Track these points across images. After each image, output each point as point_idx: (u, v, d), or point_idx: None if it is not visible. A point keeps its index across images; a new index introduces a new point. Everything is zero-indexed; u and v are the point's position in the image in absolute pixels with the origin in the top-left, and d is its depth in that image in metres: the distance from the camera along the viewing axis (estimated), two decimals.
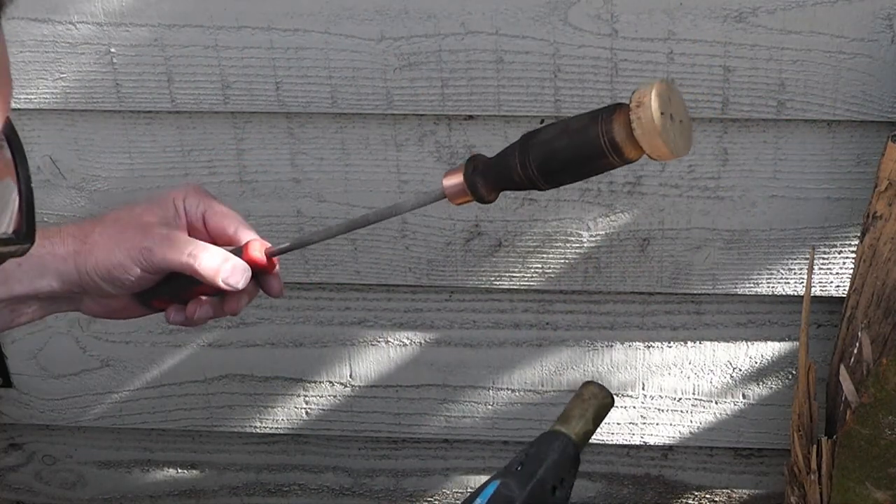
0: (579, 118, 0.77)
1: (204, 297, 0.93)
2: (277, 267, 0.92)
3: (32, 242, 0.65)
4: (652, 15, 1.11)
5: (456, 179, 0.82)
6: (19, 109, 1.24)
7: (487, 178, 0.81)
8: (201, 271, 0.87)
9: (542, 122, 1.18)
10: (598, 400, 0.82)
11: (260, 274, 0.91)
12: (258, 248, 0.90)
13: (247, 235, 0.91)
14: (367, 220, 0.89)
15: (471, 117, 1.19)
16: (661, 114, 0.73)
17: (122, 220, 0.90)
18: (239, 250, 0.91)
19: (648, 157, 0.75)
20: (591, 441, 1.43)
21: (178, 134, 1.24)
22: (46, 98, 1.22)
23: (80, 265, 0.88)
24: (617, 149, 0.75)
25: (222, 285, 0.88)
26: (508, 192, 1.22)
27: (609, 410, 0.83)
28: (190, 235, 0.91)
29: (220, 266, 0.87)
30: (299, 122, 1.22)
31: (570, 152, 0.77)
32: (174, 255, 0.87)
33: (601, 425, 0.84)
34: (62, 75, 1.20)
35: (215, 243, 0.93)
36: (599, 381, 0.85)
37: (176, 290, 0.91)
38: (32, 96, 1.22)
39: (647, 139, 0.73)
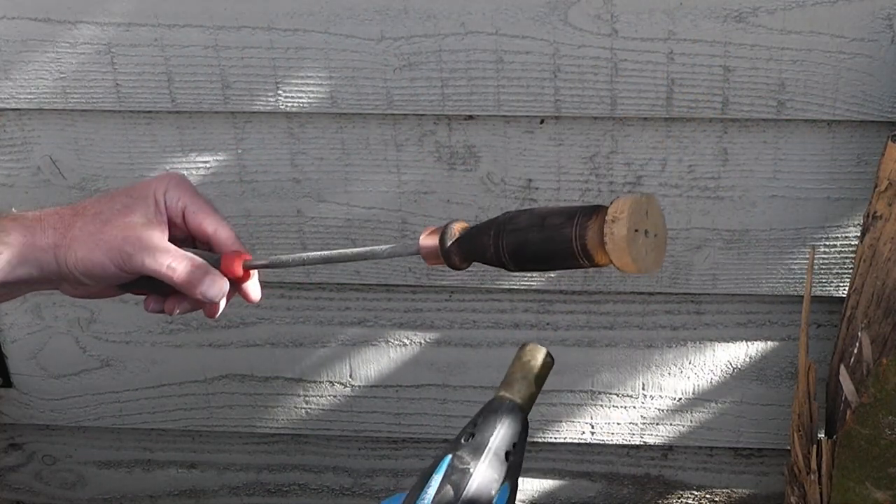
0: (558, 213, 0.80)
1: (179, 296, 0.94)
2: (255, 276, 0.94)
3: None
4: (652, 15, 1.11)
5: (432, 242, 0.85)
6: (19, 109, 1.24)
7: (462, 248, 0.84)
8: (179, 284, 0.89)
9: (541, 121, 1.18)
10: (538, 361, 0.83)
11: (237, 281, 0.93)
12: (237, 262, 0.92)
13: (225, 236, 0.93)
14: (343, 257, 0.91)
15: (471, 117, 1.19)
16: (635, 231, 0.75)
17: (103, 214, 0.90)
18: (217, 259, 0.92)
19: (616, 268, 0.77)
20: (591, 441, 1.44)
21: (178, 134, 1.24)
22: (46, 98, 1.22)
23: (61, 258, 0.89)
24: (587, 255, 0.77)
25: (199, 297, 0.90)
26: (509, 192, 1.22)
27: (550, 369, 0.83)
28: (170, 229, 0.92)
29: (199, 280, 0.89)
30: (299, 122, 1.22)
31: (541, 247, 0.79)
32: (153, 265, 0.88)
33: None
34: (62, 75, 1.20)
35: (194, 239, 0.94)
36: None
37: (154, 286, 0.93)
38: (32, 96, 1.22)
39: (618, 255, 0.75)
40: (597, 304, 1.30)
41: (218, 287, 0.90)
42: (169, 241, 0.92)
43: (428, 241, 0.85)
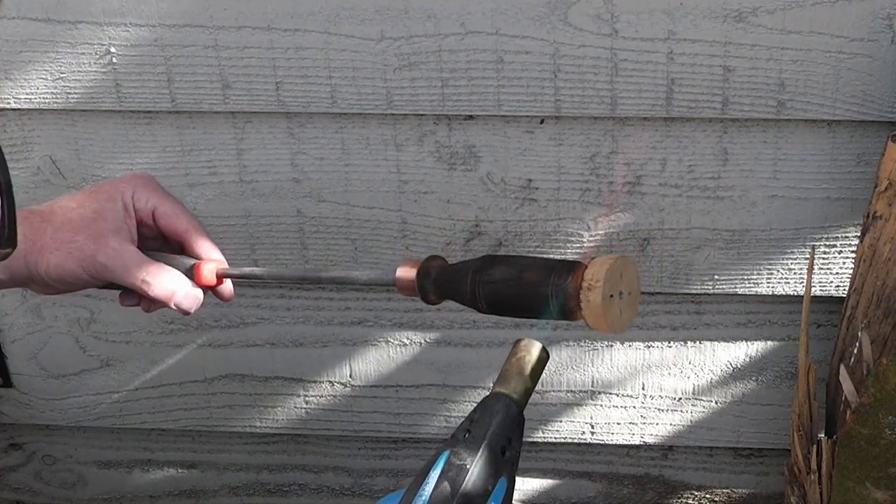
0: (535, 269, 0.81)
1: None
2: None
3: (14, 247, 0.66)
4: (652, 15, 1.11)
5: (409, 275, 0.86)
6: (19, 109, 1.24)
7: (438, 288, 0.86)
8: (154, 297, 0.90)
9: (541, 121, 1.18)
10: (534, 356, 0.83)
11: (210, 287, 0.95)
12: (211, 270, 0.94)
13: (198, 239, 0.94)
14: (319, 278, 0.94)
15: (471, 117, 1.19)
16: (610, 296, 0.78)
17: (72, 223, 0.90)
18: (191, 268, 0.93)
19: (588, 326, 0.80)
20: (591, 441, 1.44)
21: (178, 134, 1.24)
22: (46, 98, 1.22)
23: (31, 265, 0.89)
24: (563, 314, 0.80)
25: (174, 308, 0.91)
26: (509, 192, 1.22)
27: (545, 365, 0.84)
28: (139, 228, 0.93)
29: (172, 292, 0.91)
30: (299, 122, 1.22)
31: (518, 303, 0.82)
32: (127, 278, 0.90)
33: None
34: (62, 75, 1.20)
35: (165, 240, 0.95)
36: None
37: (128, 289, 0.94)
38: (32, 96, 1.22)
39: (592, 318, 0.78)
40: None
41: (191, 299, 0.92)
42: (139, 240, 0.92)
43: (405, 273, 0.87)
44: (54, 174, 1.27)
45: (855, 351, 1.15)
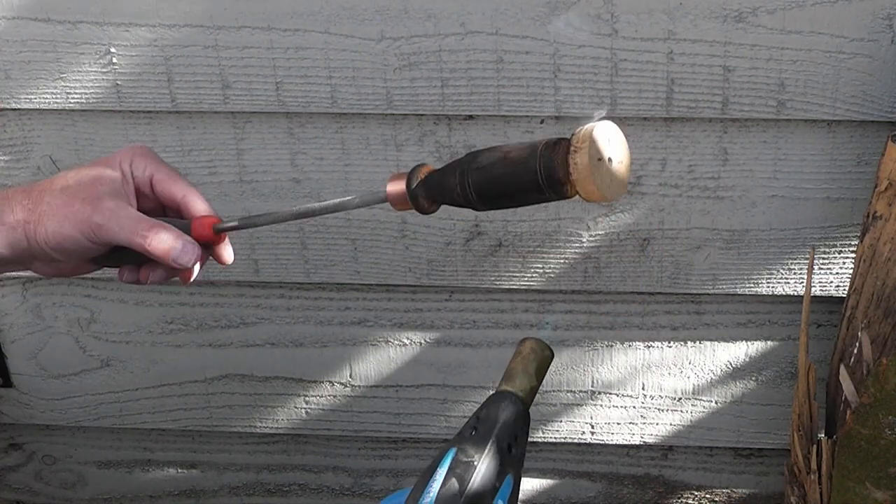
0: (521, 148, 0.80)
1: (152, 264, 0.94)
2: (227, 238, 0.95)
3: None
4: (652, 15, 1.11)
5: (399, 187, 0.85)
6: (19, 109, 1.24)
7: (429, 191, 0.84)
8: (152, 251, 0.89)
9: (541, 121, 1.18)
10: (538, 354, 0.84)
11: (209, 244, 0.94)
12: (207, 225, 0.93)
13: (195, 201, 0.93)
14: (313, 212, 0.91)
15: (471, 117, 1.19)
16: (598, 159, 0.76)
17: (70, 188, 0.90)
18: (188, 224, 0.93)
19: (581, 198, 0.77)
20: (591, 441, 1.44)
21: (178, 134, 1.24)
22: (46, 98, 1.22)
23: (30, 235, 0.89)
24: (553, 186, 0.78)
25: (173, 264, 0.90)
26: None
27: (550, 363, 0.85)
28: (138, 199, 0.93)
29: (170, 246, 0.89)
30: (299, 122, 1.22)
31: (507, 182, 0.80)
32: (124, 234, 0.89)
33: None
34: (62, 75, 1.20)
35: (164, 207, 0.95)
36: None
37: (127, 257, 0.93)
38: (32, 96, 1.22)
39: (582, 184, 0.76)
40: (597, 304, 1.30)
41: (189, 252, 0.90)
42: (138, 208, 0.92)
43: (394, 186, 0.85)
44: (54, 174, 1.27)
45: (855, 351, 1.15)
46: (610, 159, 0.77)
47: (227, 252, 0.96)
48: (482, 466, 0.78)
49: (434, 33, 1.14)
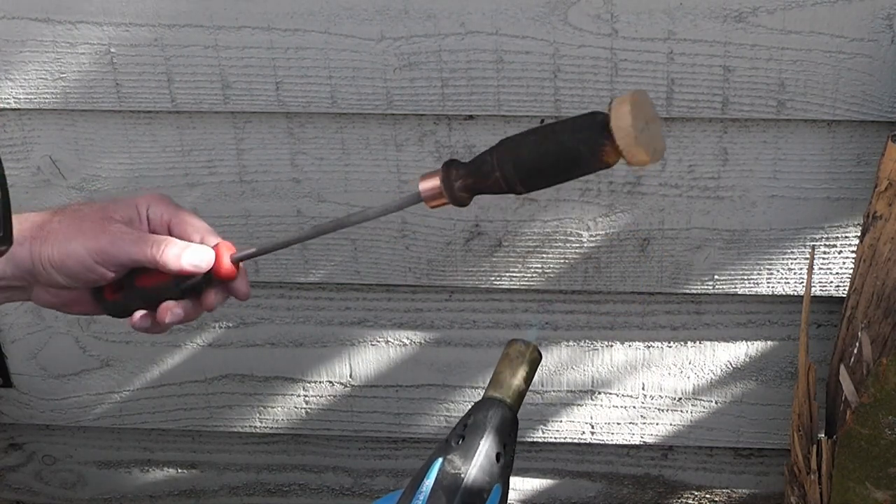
0: (559, 124, 0.79)
1: (170, 302, 0.90)
2: (243, 270, 0.92)
3: (10, 245, 0.65)
4: (652, 15, 1.11)
5: (433, 183, 0.83)
6: (19, 109, 1.24)
7: (466, 181, 0.82)
8: (164, 260, 0.86)
9: (542, 121, 1.18)
10: (526, 357, 0.82)
11: (226, 280, 0.90)
12: (224, 253, 0.89)
13: (213, 243, 0.91)
14: (332, 226, 0.89)
15: (471, 117, 1.19)
16: (638, 121, 0.75)
17: (82, 211, 0.89)
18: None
19: (627, 163, 0.77)
20: (591, 441, 1.44)
21: (178, 134, 1.24)
22: (46, 98, 1.22)
23: (35, 252, 0.87)
24: (597, 154, 0.77)
25: (186, 267, 0.87)
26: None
27: (538, 365, 0.83)
28: None
29: (182, 251, 0.87)
30: (299, 122, 1.22)
31: (551, 156, 0.79)
32: (134, 249, 0.87)
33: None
34: (62, 75, 1.20)
35: None
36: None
37: (135, 299, 0.90)
38: (32, 96, 1.22)
39: (629, 148, 0.76)
40: (597, 304, 1.30)
41: (201, 256, 0.88)
42: None
43: (428, 184, 0.83)
44: (54, 174, 1.27)
45: (855, 351, 1.15)
46: (647, 123, 0.77)
47: (243, 286, 0.92)
48: (470, 478, 0.76)
49: (434, 33, 1.14)
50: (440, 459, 0.77)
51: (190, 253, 0.88)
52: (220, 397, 1.42)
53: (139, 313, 0.91)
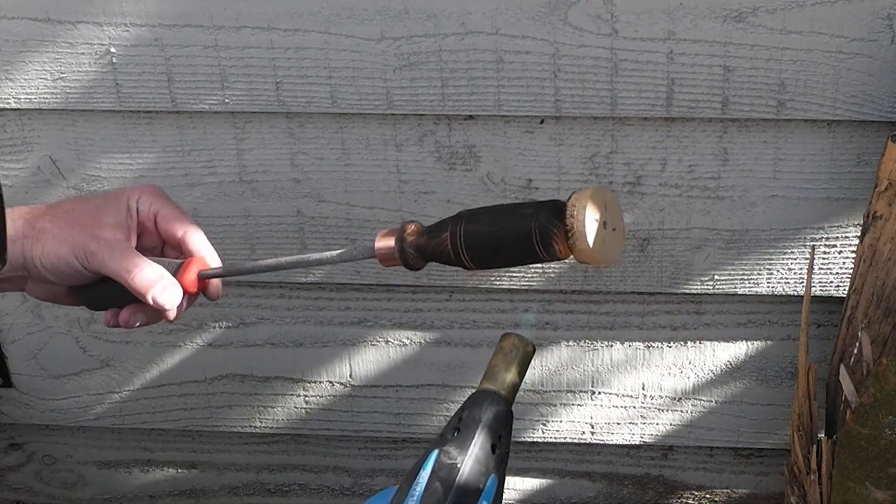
0: (515, 207, 0.80)
1: (134, 306, 0.94)
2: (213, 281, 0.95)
3: (4, 263, 0.67)
4: (652, 15, 1.11)
5: (388, 243, 0.85)
6: (19, 109, 1.24)
7: (418, 247, 0.84)
8: (134, 286, 0.90)
9: (541, 121, 1.18)
10: (520, 350, 0.83)
11: (190, 294, 0.94)
12: (193, 271, 0.93)
13: (193, 240, 0.94)
14: (292, 264, 0.92)
15: (471, 117, 1.19)
16: (595, 220, 0.76)
17: (74, 212, 0.92)
18: (179, 267, 0.94)
19: (577, 260, 0.78)
20: (591, 441, 1.44)
21: (178, 134, 1.24)
22: (46, 98, 1.22)
23: (27, 250, 0.90)
24: (547, 246, 0.78)
25: (151, 303, 0.91)
26: (509, 192, 1.22)
27: (531, 359, 0.84)
28: (140, 235, 0.95)
29: (152, 284, 0.90)
30: (299, 122, 1.22)
31: (500, 240, 0.80)
32: (113, 264, 0.90)
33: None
34: (62, 75, 1.20)
35: (164, 244, 0.96)
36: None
37: (110, 297, 0.94)
38: (32, 96, 1.22)
39: (580, 246, 0.77)
40: (597, 304, 1.30)
41: (170, 295, 0.91)
42: (137, 248, 0.93)
43: (383, 242, 0.86)
44: (54, 174, 1.27)
45: (855, 351, 1.15)
46: (606, 224, 0.78)
47: (213, 290, 0.96)
48: (465, 468, 0.77)
49: (434, 33, 1.14)
50: (436, 451, 0.78)
51: (159, 290, 0.91)
52: (220, 397, 1.42)
53: (110, 311, 0.96)
